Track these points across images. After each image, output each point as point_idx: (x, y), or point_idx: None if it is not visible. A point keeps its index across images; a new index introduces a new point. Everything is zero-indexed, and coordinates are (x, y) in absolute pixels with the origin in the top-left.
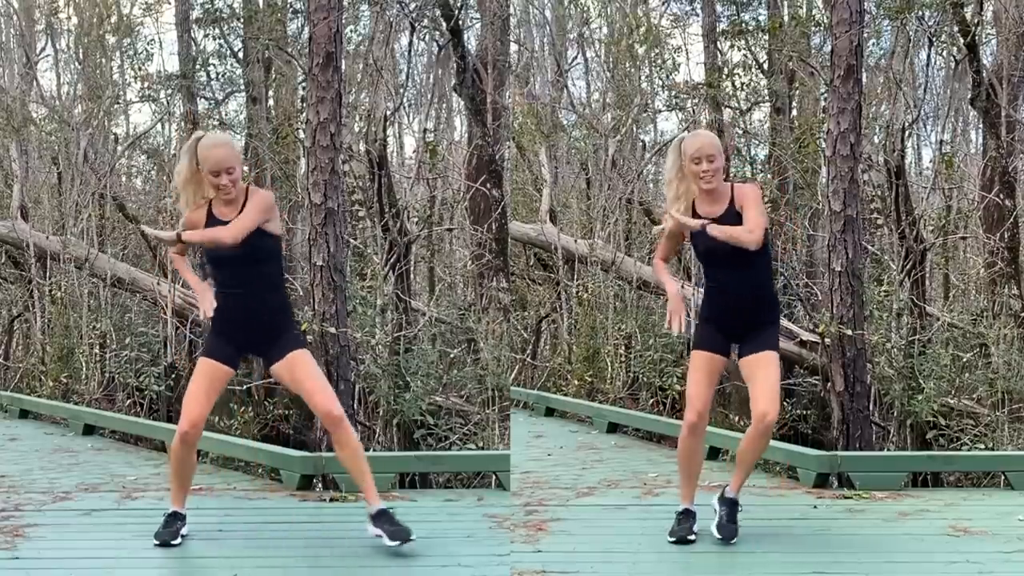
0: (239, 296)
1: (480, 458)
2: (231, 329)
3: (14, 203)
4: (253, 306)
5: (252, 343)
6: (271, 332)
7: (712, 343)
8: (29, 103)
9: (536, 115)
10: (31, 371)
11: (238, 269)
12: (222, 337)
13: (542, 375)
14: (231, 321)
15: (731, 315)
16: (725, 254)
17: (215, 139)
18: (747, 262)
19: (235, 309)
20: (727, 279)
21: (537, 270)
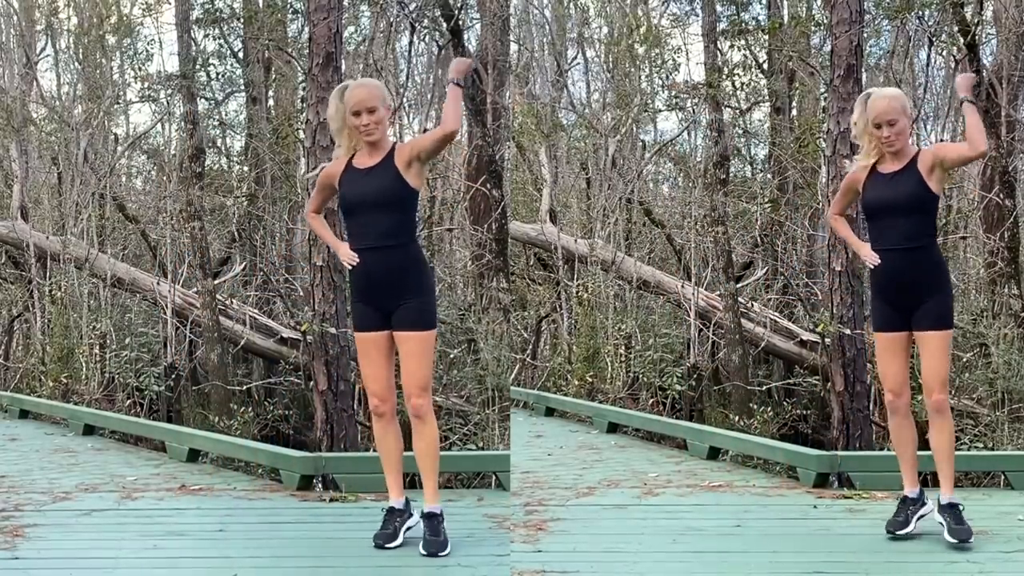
0: (372, 252)
1: (480, 458)
2: (364, 289)
3: (14, 203)
4: (382, 261)
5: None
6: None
7: (885, 322)
8: (29, 103)
9: (536, 115)
10: (31, 371)
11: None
12: (360, 303)
13: (542, 375)
14: (364, 283)
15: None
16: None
17: (359, 81)
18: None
19: (367, 268)
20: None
21: (537, 270)
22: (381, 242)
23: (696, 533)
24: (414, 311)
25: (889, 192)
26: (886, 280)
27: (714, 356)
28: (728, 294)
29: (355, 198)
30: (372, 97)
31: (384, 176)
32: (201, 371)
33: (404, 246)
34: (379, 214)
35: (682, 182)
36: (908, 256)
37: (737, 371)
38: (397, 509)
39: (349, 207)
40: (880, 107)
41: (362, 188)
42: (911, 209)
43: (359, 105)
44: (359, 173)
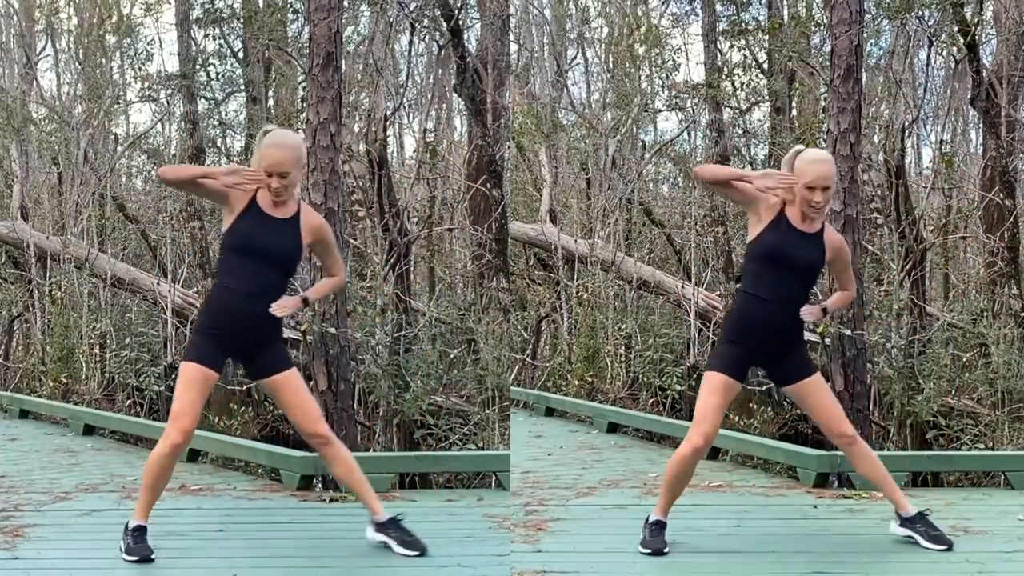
0: (249, 298)
1: (480, 458)
2: (224, 333)
3: (14, 203)
4: (258, 313)
5: (243, 350)
6: (265, 341)
7: (735, 368)
8: (29, 103)
9: (536, 115)
10: (31, 371)
11: (266, 273)
12: (213, 340)
13: (542, 375)
14: (228, 324)
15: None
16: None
17: (280, 139)
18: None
19: (237, 312)
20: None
21: (537, 270)
22: (260, 293)
23: (696, 533)
24: (282, 352)
25: (802, 251)
26: (760, 330)
27: None
28: (728, 294)
29: (257, 244)
30: (287, 162)
31: (292, 237)
32: None
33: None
34: (274, 271)
35: (682, 182)
36: (790, 313)
37: None
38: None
39: (245, 248)
40: (821, 171)
41: (268, 238)
42: (811, 276)
43: (272, 168)
44: (266, 218)
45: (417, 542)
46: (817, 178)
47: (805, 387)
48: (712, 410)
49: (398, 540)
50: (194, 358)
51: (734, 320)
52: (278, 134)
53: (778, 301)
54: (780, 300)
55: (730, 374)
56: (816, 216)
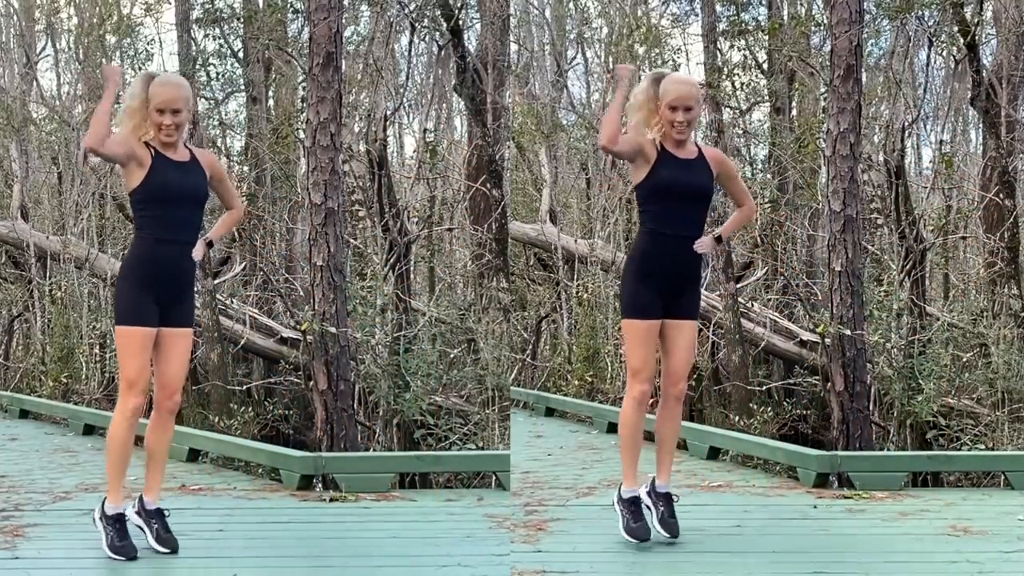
0: (183, 245)
1: (480, 458)
2: (158, 284)
3: (14, 203)
4: (189, 257)
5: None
6: (188, 288)
7: (650, 308)
8: (29, 103)
9: (536, 115)
10: (31, 371)
11: (192, 216)
12: (148, 295)
13: (542, 375)
14: (160, 272)
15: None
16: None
17: (168, 77)
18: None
19: (170, 260)
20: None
21: (537, 270)
22: (187, 237)
23: (696, 533)
24: (190, 309)
25: (686, 177)
26: (665, 265)
27: (714, 356)
28: (728, 294)
29: (173, 188)
30: (178, 99)
31: (199, 175)
32: (201, 371)
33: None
34: (192, 210)
35: None
36: (689, 245)
37: (737, 371)
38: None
39: (163, 195)
40: (683, 91)
41: (180, 180)
42: (702, 198)
43: (165, 104)
44: (171, 163)
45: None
46: (679, 97)
47: (683, 327)
48: (648, 358)
49: (156, 534)
50: (136, 321)
51: (640, 259)
52: (166, 75)
53: (680, 234)
54: (682, 232)
55: (651, 317)
56: (683, 137)
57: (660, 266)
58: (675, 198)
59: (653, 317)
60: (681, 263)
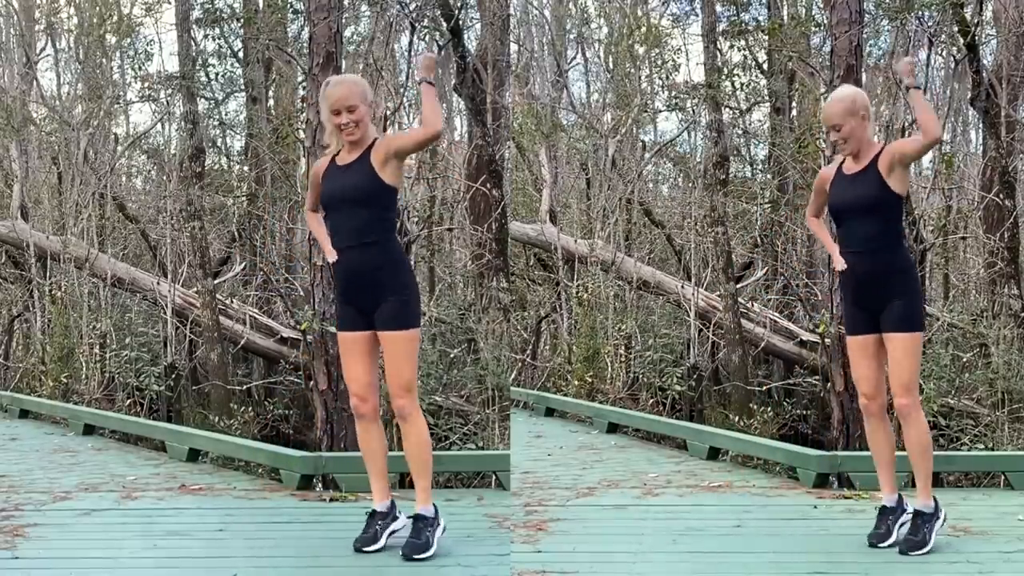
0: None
1: (480, 458)
2: (342, 289)
3: (14, 203)
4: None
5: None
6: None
7: (854, 325)
8: (29, 103)
9: (536, 115)
10: (31, 371)
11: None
12: (344, 301)
13: (542, 375)
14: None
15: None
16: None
17: (338, 78)
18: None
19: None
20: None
21: (537, 270)
22: (356, 240)
23: (696, 533)
24: (394, 310)
25: (849, 193)
26: (852, 282)
27: (714, 356)
28: (728, 294)
29: (332, 194)
30: (351, 95)
31: (360, 172)
32: (201, 371)
33: (380, 244)
34: (354, 211)
35: (682, 182)
36: (871, 258)
37: (737, 371)
38: (379, 512)
39: (327, 204)
40: (825, 112)
41: (339, 184)
42: (870, 210)
43: (338, 104)
44: (338, 170)
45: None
46: (825, 119)
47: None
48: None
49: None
50: (339, 326)
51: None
52: (339, 76)
53: (860, 248)
54: (861, 246)
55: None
56: (848, 153)
57: (851, 284)
58: (842, 216)
59: (855, 333)
60: (866, 276)
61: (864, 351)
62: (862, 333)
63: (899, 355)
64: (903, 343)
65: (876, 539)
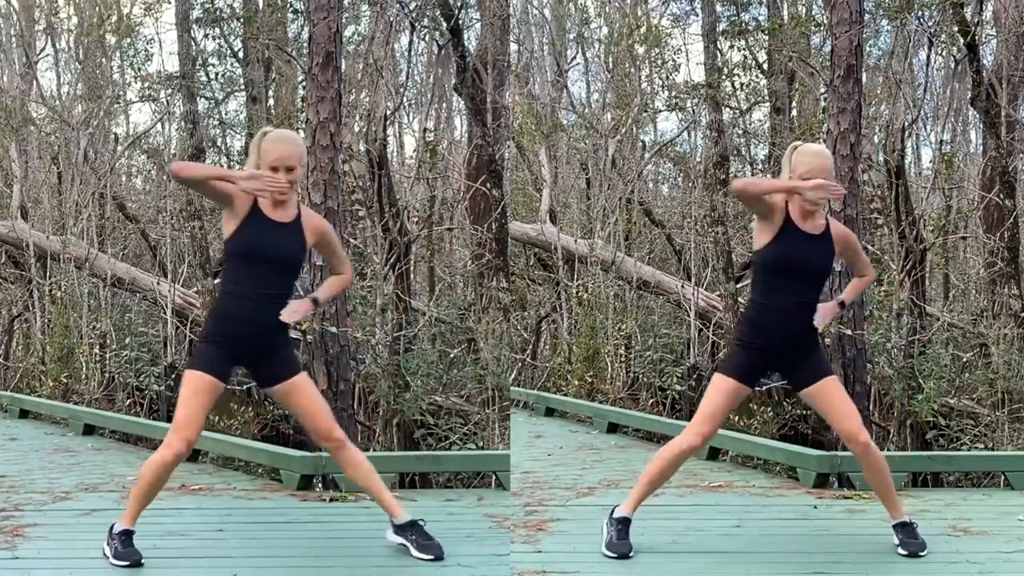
0: (257, 306)
1: (480, 458)
2: (233, 341)
3: (14, 203)
4: (268, 319)
5: (252, 357)
6: (274, 347)
7: (745, 374)
8: (29, 103)
9: (536, 115)
10: (31, 371)
11: (274, 278)
12: (220, 349)
13: (542, 375)
14: (236, 331)
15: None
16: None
17: (278, 133)
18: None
19: (245, 319)
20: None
21: (537, 270)
22: (269, 297)
23: (696, 533)
24: (291, 357)
25: (810, 255)
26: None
27: (714, 356)
28: (728, 294)
29: (264, 249)
30: (293, 155)
31: (297, 239)
32: None
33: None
34: (282, 276)
35: (682, 182)
36: (806, 316)
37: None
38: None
39: (251, 254)
40: (816, 164)
41: (274, 243)
42: (822, 279)
43: (278, 162)
44: (269, 223)
45: (434, 546)
46: (811, 170)
47: (821, 388)
48: (718, 413)
49: (415, 544)
50: (201, 367)
51: (749, 326)
52: (280, 131)
53: (793, 306)
54: (795, 305)
55: (742, 380)
56: (814, 209)
57: (770, 339)
58: (792, 274)
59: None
60: (794, 332)
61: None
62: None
63: (840, 397)
64: (833, 384)
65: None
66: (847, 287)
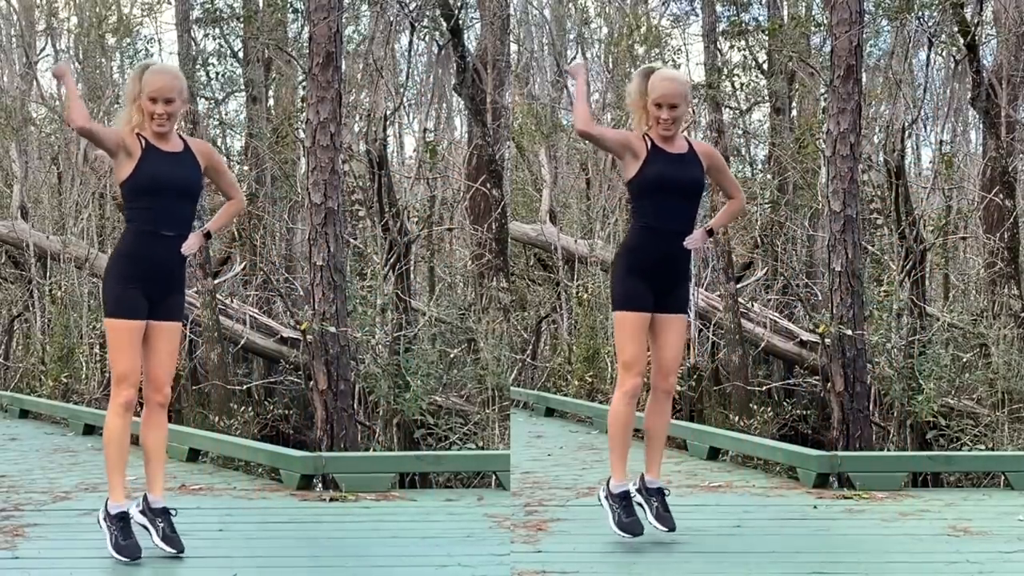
0: (171, 238)
1: (480, 458)
2: (147, 277)
3: (14, 203)
4: (177, 251)
5: (159, 292)
6: (177, 283)
7: (641, 301)
8: (29, 103)
9: (536, 115)
10: (31, 371)
11: (181, 207)
12: (137, 288)
13: (542, 375)
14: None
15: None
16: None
17: (160, 66)
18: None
19: (160, 252)
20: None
21: (537, 270)
22: (178, 230)
23: (696, 533)
24: (181, 302)
25: (678, 173)
26: (656, 259)
27: (714, 356)
28: (728, 294)
29: (159, 178)
30: (172, 88)
31: (191, 165)
32: (201, 371)
33: (185, 238)
34: (184, 202)
35: None
36: (680, 240)
37: (737, 371)
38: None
39: (149, 186)
40: (668, 89)
41: (170, 172)
42: (694, 193)
43: (157, 93)
44: (161, 154)
45: (177, 540)
46: (663, 95)
47: (673, 321)
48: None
49: (161, 532)
50: (126, 314)
51: (630, 254)
52: (161, 64)
53: (671, 229)
54: (673, 227)
55: (642, 309)
56: (668, 134)
57: (651, 261)
58: (667, 193)
59: (644, 310)
60: (672, 258)
61: (643, 329)
62: (646, 311)
63: (679, 338)
64: (683, 325)
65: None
66: (717, 215)
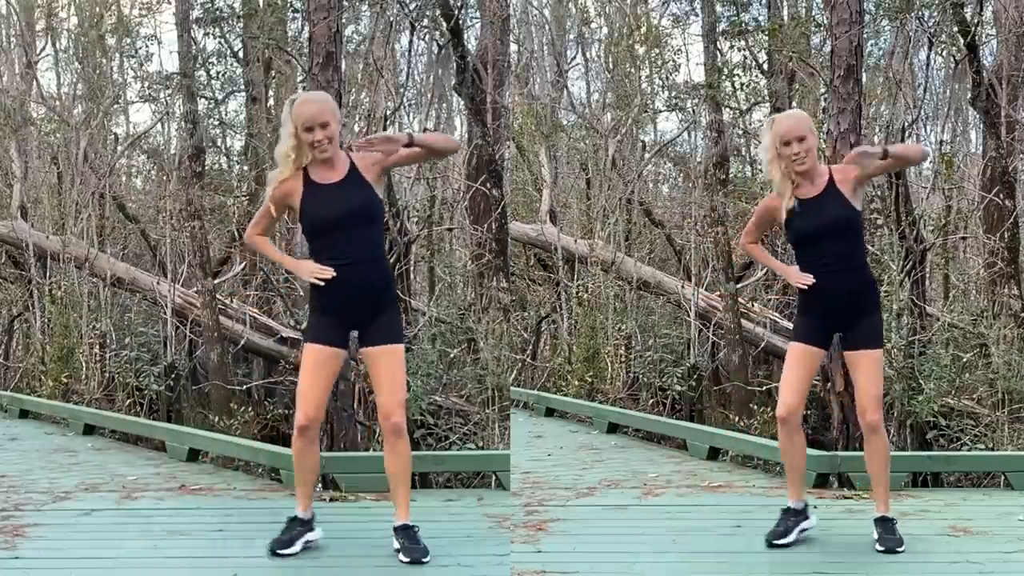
0: (347, 266)
1: (480, 458)
2: (338, 305)
3: (14, 203)
4: (363, 276)
5: (358, 318)
6: (376, 307)
7: (809, 334)
8: (29, 103)
9: (536, 115)
10: (31, 371)
11: (350, 235)
12: (328, 316)
13: (542, 375)
14: (338, 296)
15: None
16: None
17: (308, 95)
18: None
19: (343, 282)
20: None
21: (537, 270)
22: (368, 255)
23: (696, 533)
24: (393, 323)
25: (820, 216)
26: (825, 297)
27: (714, 356)
28: (728, 294)
29: (329, 216)
30: (324, 112)
31: (362, 189)
32: (201, 371)
33: (383, 259)
34: (359, 231)
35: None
36: (845, 276)
37: (737, 371)
38: (302, 519)
39: (322, 226)
40: (786, 124)
41: (330, 207)
42: (841, 232)
43: (311, 121)
44: (325, 189)
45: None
46: (788, 131)
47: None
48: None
49: (402, 546)
50: (309, 338)
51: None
52: (307, 93)
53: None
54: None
55: (808, 341)
56: (805, 167)
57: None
58: (810, 242)
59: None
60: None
61: (805, 361)
62: (812, 344)
63: (874, 371)
64: (876, 358)
65: (775, 536)
66: None
